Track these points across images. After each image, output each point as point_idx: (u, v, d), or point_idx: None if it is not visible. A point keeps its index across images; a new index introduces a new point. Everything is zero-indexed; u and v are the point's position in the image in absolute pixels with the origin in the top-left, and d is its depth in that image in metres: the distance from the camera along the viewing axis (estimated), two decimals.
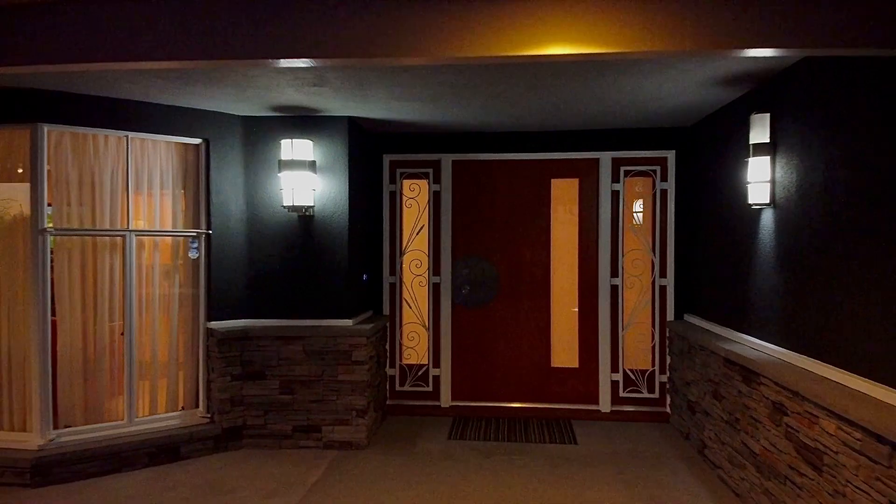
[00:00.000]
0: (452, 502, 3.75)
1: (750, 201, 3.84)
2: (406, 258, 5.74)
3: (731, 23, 2.31)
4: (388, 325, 5.63)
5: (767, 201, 3.72)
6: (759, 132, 3.77)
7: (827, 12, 2.30)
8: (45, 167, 4.15)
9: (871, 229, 2.74)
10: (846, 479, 2.65)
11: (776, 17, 2.32)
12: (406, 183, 5.73)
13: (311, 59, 2.60)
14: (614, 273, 5.50)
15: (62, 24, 2.64)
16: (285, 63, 2.70)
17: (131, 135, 4.41)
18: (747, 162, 3.85)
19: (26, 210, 4.16)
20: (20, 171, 4.21)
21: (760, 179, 3.74)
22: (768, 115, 3.72)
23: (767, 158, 3.71)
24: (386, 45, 2.51)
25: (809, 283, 3.27)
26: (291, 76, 3.71)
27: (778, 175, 3.64)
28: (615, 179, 5.49)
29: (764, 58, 3.23)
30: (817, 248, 3.20)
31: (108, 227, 4.37)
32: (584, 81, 3.81)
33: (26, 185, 4.13)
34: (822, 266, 3.15)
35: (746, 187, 3.87)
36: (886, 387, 2.59)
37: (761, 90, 3.86)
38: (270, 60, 2.61)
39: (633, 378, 5.49)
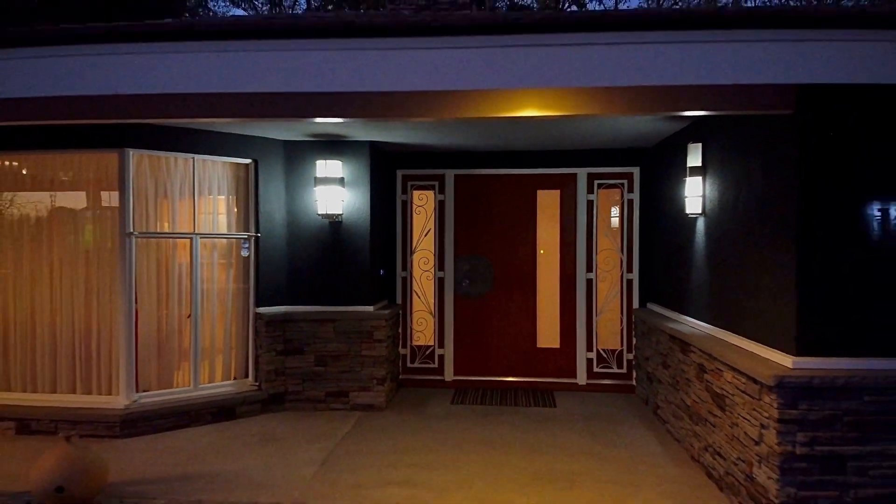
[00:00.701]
0: (454, 443, 4.82)
1: (688, 211, 4.93)
2: (415, 256, 6.82)
3: (652, 96, 3.37)
4: (400, 312, 6.71)
5: (700, 212, 4.80)
6: (694, 157, 4.85)
7: (724, 90, 3.32)
8: (131, 182, 5.21)
9: (759, 235, 3.82)
10: (738, 413, 3.73)
11: (688, 91, 3.36)
12: (415, 193, 6.81)
13: (342, 118, 3.64)
14: (589, 269, 6.58)
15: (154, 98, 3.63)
16: (320, 120, 3.73)
17: (196, 157, 5.49)
18: (685, 181, 4.93)
19: (116, 216, 5.22)
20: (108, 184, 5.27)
21: (695, 194, 4.82)
22: (700, 144, 4.80)
23: (700, 178, 4.79)
24: (400, 109, 3.58)
25: (724, 275, 4.36)
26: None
27: (707, 191, 4.73)
28: (590, 191, 6.58)
29: None
30: (729, 248, 4.29)
31: (178, 231, 5.44)
32: (540, 127, 4.89)
33: (114, 194, 5.20)
34: (732, 262, 4.24)
35: (685, 200, 4.96)
36: (765, 346, 3.67)
37: (696, 124, 4.94)
38: (308, 119, 3.65)
39: (605, 356, 6.58)
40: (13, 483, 4.04)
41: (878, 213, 3.30)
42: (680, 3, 31.57)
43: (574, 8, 36.19)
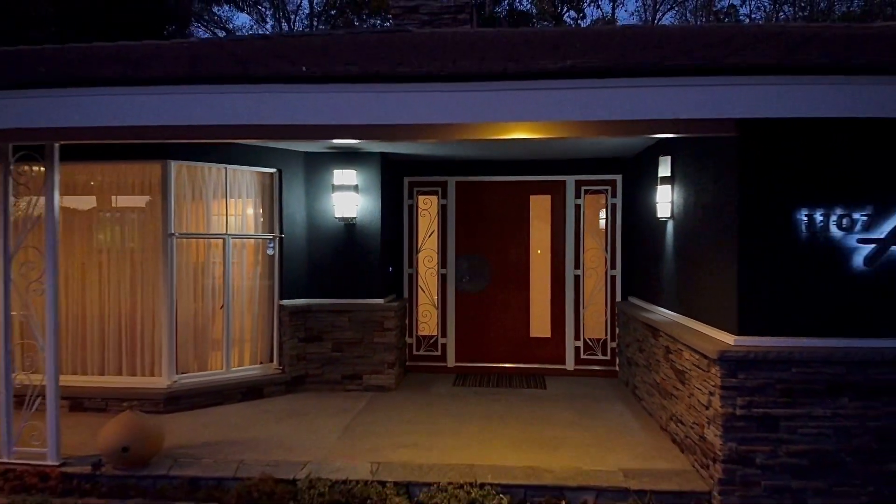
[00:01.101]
0: (455, 416, 5.55)
1: (659, 215, 5.66)
2: (421, 255, 7.55)
3: (617, 126, 4.08)
4: (407, 305, 7.44)
5: (669, 216, 5.53)
6: (664, 168, 5.58)
7: (676, 121, 4.02)
8: (172, 189, 5.93)
9: (711, 236, 4.55)
10: (693, 385, 4.46)
11: (644, 123, 4.06)
12: (421, 198, 7.54)
13: (357, 140, 4.36)
14: (577, 266, 7.31)
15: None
16: (337, 142, 4.41)
17: (227, 167, 6.21)
18: (657, 188, 5.66)
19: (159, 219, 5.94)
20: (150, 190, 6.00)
21: (665, 201, 5.55)
22: (669, 157, 5.54)
23: (669, 186, 5.52)
24: (408, 133, 4.29)
25: (687, 271, 5.09)
26: None
27: (675, 198, 5.46)
28: (577, 196, 7.31)
29: None
30: (690, 248, 5.02)
31: (212, 231, 6.17)
32: (531, 143, 5.61)
33: (157, 199, 5.92)
34: (692, 259, 4.97)
35: (657, 205, 5.69)
36: (716, 328, 4.39)
37: (666, 139, 5.67)
38: (326, 140, 4.35)
39: (591, 345, 7.30)
40: (79, 450, 4.75)
41: (805, 219, 4.03)
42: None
43: (572, 13, 36.73)
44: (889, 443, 3.93)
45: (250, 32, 33.31)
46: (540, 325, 7.39)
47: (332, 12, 36.34)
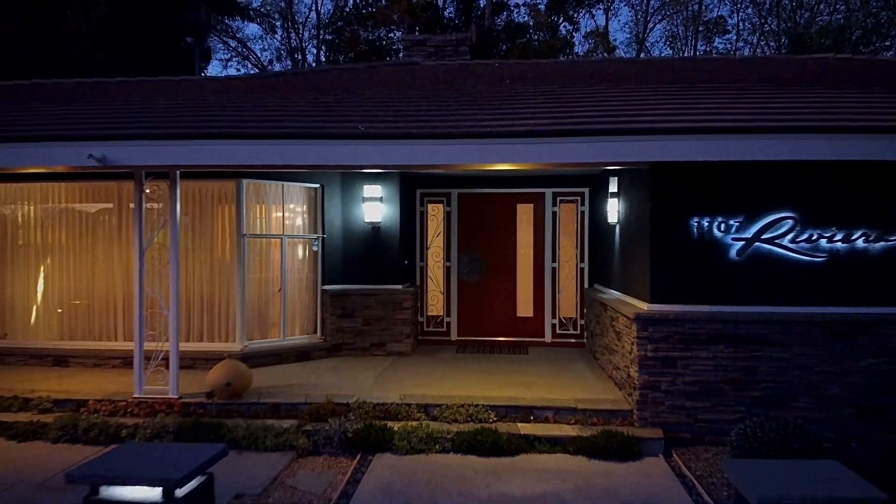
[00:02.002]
0: (457, 371, 7.45)
1: (610, 221, 7.57)
2: (430, 251, 9.45)
3: (573, 163, 6.00)
4: (419, 291, 9.34)
5: (616, 221, 7.45)
6: (613, 186, 7.50)
7: (616, 161, 5.94)
8: (244, 201, 7.82)
9: (636, 237, 6.48)
10: (624, 340, 6.37)
11: (599, 163, 5.98)
12: (430, 206, 9.45)
13: (382, 168, 6.25)
14: (553, 260, 9.22)
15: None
16: (367, 170, 6.26)
17: (283, 183, 8.12)
18: (609, 200, 7.58)
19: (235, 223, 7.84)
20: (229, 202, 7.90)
21: (613, 210, 7.47)
22: (616, 177, 7.45)
23: (616, 199, 7.44)
24: (421, 162, 6.17)
25: (625, 261, 7.02)
26: None
27: (619, 208, 7.37)
28: (554, 204, 9.22)
29: None
30: (627, 245, 6.94)
31: (272, 232, 8.08)
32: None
33: (233, 208, 7.82)
34: (628, 253, 6.89)
35: (609, 213, 7.60)
36: (638, 300, 6.30)
37: None
38: (359, 168, 6.25)
39: (565, 322, 9.21)
40: (184, 391, 6.64)
41: (695, 224, 5.93)
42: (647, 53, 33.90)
43: (568, 25, 38.35)
44: (751, 376, 5.83)
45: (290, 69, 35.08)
46: (524, 307, 9.30)
47: (339, 23, 38.30)
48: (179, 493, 2.85)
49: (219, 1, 30.96)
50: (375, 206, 8.38)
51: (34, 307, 8.25)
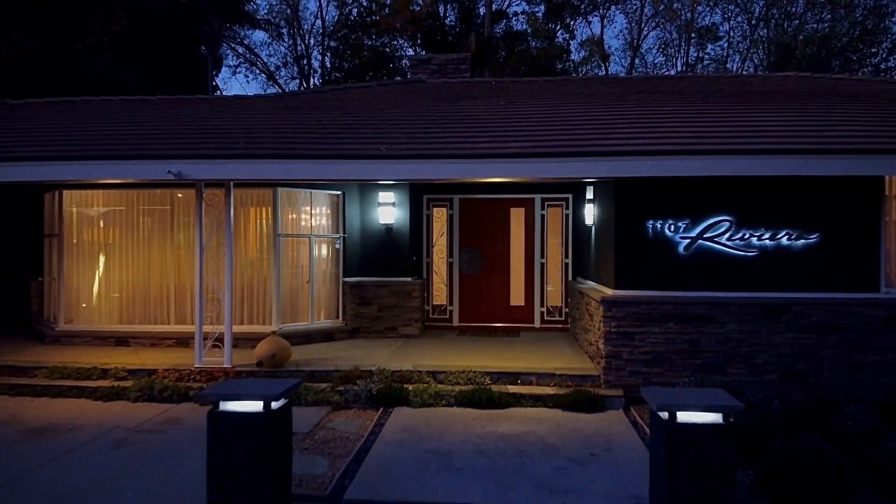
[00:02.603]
0: (458, 348, 8.88)
1: (587, 223, 9.02)
2: (435, 248, 10.89)
3: (553, 177, 7.44)
4: (425, 283, 10.78)
5: (592, 223, 8.89)
6: (589, 193, 8.94)
7: (588, 177, 7.37)
8: (279, 205, 9.26)
9: (605, 236, 7.92)
10: (595, 319, 7.81)
11: (574, 178, 7.42)
12: (435, 209, 10.88)
13: (395, 179, 7.69)
14: (542, 256, 10.65)
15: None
16: (382, 182, 7.71)
17: (312, 191, 9.56)
18: (587, 205, 9.02)
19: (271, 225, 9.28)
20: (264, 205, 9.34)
21: (590, 213, 8.91)
22: (592, 186, 8.89)
23: (592, 204, 8.88)
24: (428, 176, 7.61)
25: (598, 257, 8.46)
26: None
27: (595, 212, 8.81)
28: (543, 208, 10.65)
29: None
30: (599, 243, 8.38)
31: (302, 232, 9.52)
32: None
33: (269, 211, 9.25)
34: (599, 249, 8.33)
35: (586, 216, 9.04)
36: (606, 287, 7.74)
37: None
38: (377, 181, 7.71)
39: (552, 310, 10.64)
40: (238, 363, 8.08)
41: (650, 226, 7.37)
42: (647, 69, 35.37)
43: (565, 35, 39.61)
44: (695, 347, 7.26)
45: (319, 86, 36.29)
46: (517, 297, 10.73)
47: (344, 31, 39.71)
48: (274, 405, 4.25)
49: (230, 11, 32.44)
50: (388, 210, 9.82)
51: (97, 296, 9.69)
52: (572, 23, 39.72)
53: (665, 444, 4.02)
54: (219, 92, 32.34)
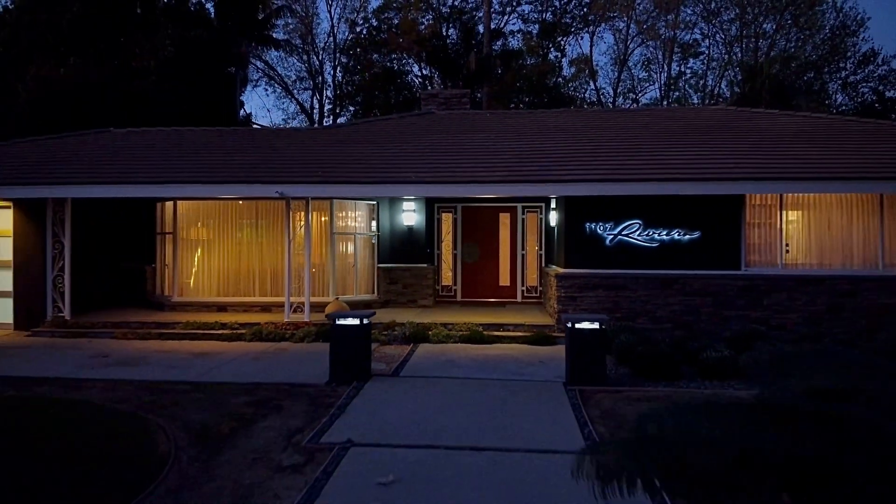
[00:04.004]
0: (462, 313, 12.67)
1: (552, 225, 12.85)
2: (443, 243, 14.71)
3: (529, 195, 11.25)
4: (437, 268, 14.59)
5: (555, 225, 12.72)
6: (553, 203, 12.77)
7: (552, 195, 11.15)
8: (334, 211, 13.06)
9: (560, 234, 11.75)
10: (553, 290, 11.62)
11: (542, 195, 11.20)
12: (443, 215, 14.70)
13: (416, 196, 11.51)
14: (522, 249, 14.46)
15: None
16: (405, 200, 11.54)
17: (356, 201, 13.39)
18: (552, 212, 12.84)
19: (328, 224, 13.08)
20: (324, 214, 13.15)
21: (553, 218, 12.73)
22: (555, 199, 12.71)
23: (554, 212, 12.71)
24: (439, 195, 11.39)
25: (558, 248, 12.29)
26: None
27: (556, 217, 12.63)
28: (523, 214, 14.46)
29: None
30: (557, 238, 12.21)
31: (349, 231, 13.34)
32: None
33: (326, 215, 13.06)
34: (557, 243, 12.15)
35: (552, 219, 12.87)
36: (560, 267, 11.57)
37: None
38: (401, 198, 11.52)
39: (530, 289, 14.46)
40: (313, 320, 11.89)
41: (588, 227, 11.17)
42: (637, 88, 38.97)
43: (557, 54, 43.23)
44: (616, 305, 11.05)
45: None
46: (504, 279, 14.53)
47: (357, 49, 43.43)
48: (365, 321, 8.04)
49: (256, 36, 36.32)
50: (410, 215, 13.62)
51: (200, 276, 13.49)
52: (563, 41, 43.53)
53: (569, 340, 7.84)
54: (244, 108, 36.03)
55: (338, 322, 8.08)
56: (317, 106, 43.45)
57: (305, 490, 4.73)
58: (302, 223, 12.41)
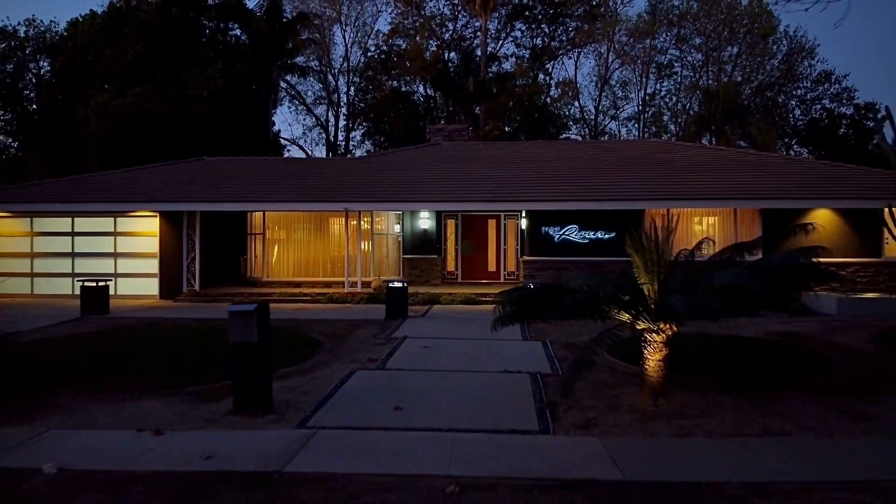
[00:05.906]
0: (462, 287, 18.65)
1: (523, 228, 18.88)
2: (448, 241, 20.71)
3: (507, 209, 17.25)
4: (444, 259, 20.59)
5: (524, 228, 18.75)
6: (524, 213, 18.81)
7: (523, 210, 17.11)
8: (373, 217, 19.03)
9: (526, 234, 17.80)
10: (521, 269, 17.64)
11: (517, 209, 17.15)
12: (448, 221, 20.68)
13: (430, 210, 17.50)
14: (505, 244, 20.46)
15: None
16: (422, 211, 17.50)
17: (388, 211, 19.40)
18: (524, 219, 18.89)
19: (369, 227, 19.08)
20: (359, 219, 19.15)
21: (524, 223, 18.75)
22: (524, 210, 18.75)
23: (524, 219, 18.74)
24: (445, 209, 17.35)
25: (524, 244, 18.33)
26: None
27: (525, 223, 18.67)
28: (505, 220, 20.46)
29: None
30: (524, 237, 18.28)
31: (383, 232, 19.36)
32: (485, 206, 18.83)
33: (367, 219, 19.06)
34: (524, 241, 18.21)
35: (524, 224, 18.91)
36: (526, 255, 17.59)
37: None
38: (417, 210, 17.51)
39: (510, 273, 20.45)
40: (365, 291, 17.90)
41: (544, 230, 17.16)
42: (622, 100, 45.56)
43: (543, 77, 49.40)
44: (561, 279, 17.08)
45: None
46: (492, 266, 20.51)
47: (369, 73, 49.38)
48: (405, 284, 14.01)
49: (286, 65, 42.34)
50: (425, 221, 19.65)
51: (281, 263, 19.49)
52: (550, 66, 49.51)
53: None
54: (274, 126, 41.89)
55: (390, 285, 14.12)
56: (332, 120, 49.50)
57: (387, 351, 10.72)
58: (355, 226, 18.42)
